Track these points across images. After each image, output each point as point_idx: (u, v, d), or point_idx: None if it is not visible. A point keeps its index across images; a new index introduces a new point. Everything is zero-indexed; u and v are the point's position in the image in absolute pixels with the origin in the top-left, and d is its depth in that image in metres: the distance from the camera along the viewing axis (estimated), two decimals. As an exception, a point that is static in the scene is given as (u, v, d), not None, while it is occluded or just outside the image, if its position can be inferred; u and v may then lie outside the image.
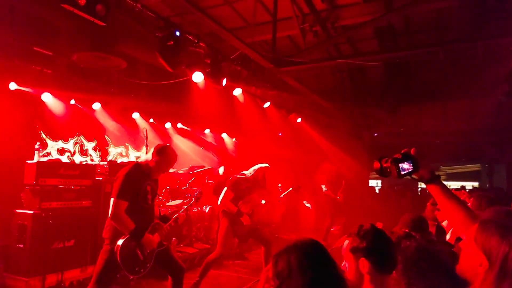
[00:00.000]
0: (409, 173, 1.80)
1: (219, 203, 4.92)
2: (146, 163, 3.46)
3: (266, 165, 5.09)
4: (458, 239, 3.05)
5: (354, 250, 1.81)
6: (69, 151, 6.36)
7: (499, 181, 15.68)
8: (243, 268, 6.24)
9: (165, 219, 3.64)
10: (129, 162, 6.61)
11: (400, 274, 1.90)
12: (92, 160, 6.65)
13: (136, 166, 3.39)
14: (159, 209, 3.70)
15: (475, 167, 21.20)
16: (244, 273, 5.94)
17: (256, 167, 5.05)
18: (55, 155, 6.02)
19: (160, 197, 6.69)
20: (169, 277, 3.58)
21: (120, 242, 3.13)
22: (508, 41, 5.14)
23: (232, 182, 4.86)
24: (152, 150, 3.51)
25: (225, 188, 4.88)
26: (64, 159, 6.19)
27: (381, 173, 1.83)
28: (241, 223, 4.78)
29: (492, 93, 7.14)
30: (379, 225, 2.20)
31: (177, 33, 4.46)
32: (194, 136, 9.57)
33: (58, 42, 5.55)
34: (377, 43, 7.26)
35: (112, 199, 3.19)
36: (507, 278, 1.34)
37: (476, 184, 21.31)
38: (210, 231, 7.33)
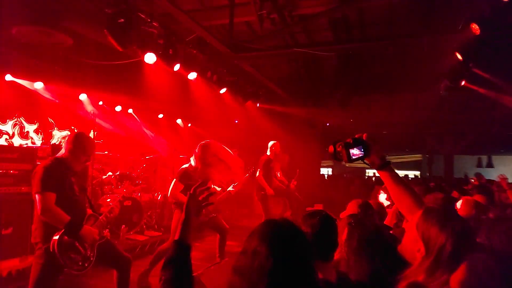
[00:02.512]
0: (359, 158, 1.82)
1: (168, 195, 4.76)
2: (62, 156, 3.24)
3: (204, 141, 4.76)
4: (397, 224, 3.25)
5: None
6: (7, 133, 5.92)
7: (438, 170, 16.89)
8: (196, 254, 6.21)
9: (97, 212, 3.45)
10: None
11: (351, 253, 1.98)
12: (33, 143, 6.23)
13: (55, 160, 3.18)
14: (91, 203, 3.49)
15: (417, 157, 22.67)
16: (198, 259, 5.91)
17: (196, 150, 4.72)
18: (-10, 137, 5.57)
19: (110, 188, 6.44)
20: (114, 271, 3.40)
21: (56, 237, 2.89)
22: (451, 37, 5.47)
23: (181, 173, 4.68)
24: (65, 142, 3.32)
25: (174, 180, 4.69)
26: (2, 141, 5.75)
27: (335, 157, 1.86)
28: None
29: (435, 87, 7.58)
30: (319, 207, 2.28)
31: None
32: (146, 121, 9.27)
33: (-5, 14, 5.06)
34: (331, 34, 7.41)
35: (37, 196, 2.92)
36: (440, 267, 1.45)
37: (417, 173, 22.83)
38: (162, 218, 7.19)
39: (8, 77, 5.95)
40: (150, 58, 5.22)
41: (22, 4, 4.72)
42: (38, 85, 6.49)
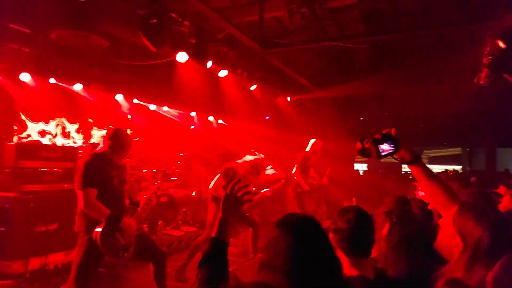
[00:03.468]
0: (389, 154, 1.79)
1: (210, 187, 4.93)
2: (102, 151, 3.40)
3: (260, 156, 5.04)
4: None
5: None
6: (51, 133, 6.22)
7: (479, 164, 16.11)
8: (230, 250, 6.29)
9: (136, 204, 3.57)
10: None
11: (390, 250, 1.93)
12: (74, 142, 6.53)
13: (95, 155, 3.33)
14: (130, 196, 3.62)
15: (456, 150, 21.69)
16: (232, 254, 5.98)
17: (249, 158, 4.99)
18: (35, 137, 5.88)
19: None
20: (150, 263, 3.54)
21: (98, 229, 3.06)
22: (491, 25, 5.17)
23: (226, 170, 4.86)
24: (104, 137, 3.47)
25: (218, 175, 4.88)
26: (45, 141, 6.06)
27: (363, 154, 1.84)
28: None
29: (474, 78, 7.20)
30: (353, 201, 2.24)
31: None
32: (181, 118, 9.46)
33: (36, 19, 5.31)
34: (363, 26, 7.22)
35: (79, 192, 3.08)
36: (478, 260, 1.41)
37: (458, 167, 21.84)
38: (197, 214, 7.34)
39: (52, 81, 6.26)
40: (182, 57, 5.32)
41: (60, 9, 4.93)
42: (78, 87, 6.78)
